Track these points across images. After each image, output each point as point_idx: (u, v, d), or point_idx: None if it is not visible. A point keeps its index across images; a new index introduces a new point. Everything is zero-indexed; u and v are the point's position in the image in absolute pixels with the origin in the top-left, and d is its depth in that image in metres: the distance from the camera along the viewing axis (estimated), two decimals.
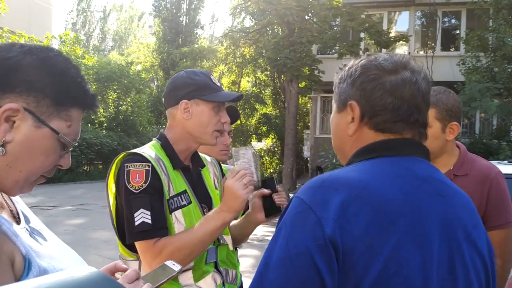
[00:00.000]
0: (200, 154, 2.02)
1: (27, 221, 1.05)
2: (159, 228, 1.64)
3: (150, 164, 1.67)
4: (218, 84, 1.85)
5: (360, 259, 0.89)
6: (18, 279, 0.86)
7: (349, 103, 1.11)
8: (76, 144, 1.04)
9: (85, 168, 19.73)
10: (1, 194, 1.02)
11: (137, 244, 1.66)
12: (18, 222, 1.01)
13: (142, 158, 1.69)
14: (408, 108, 1.06)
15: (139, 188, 1.63)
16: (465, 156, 2.10)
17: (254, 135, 22.96)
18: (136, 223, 1.62)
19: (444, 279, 0.96)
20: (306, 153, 17.17)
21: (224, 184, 1.70)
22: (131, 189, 1.64)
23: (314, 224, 0.91)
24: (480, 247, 1.05)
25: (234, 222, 1.98)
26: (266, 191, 1.86)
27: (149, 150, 1.77)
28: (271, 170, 21.67)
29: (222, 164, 2.48)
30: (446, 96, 2.01)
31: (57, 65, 0.99)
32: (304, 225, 0.92)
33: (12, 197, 1.06)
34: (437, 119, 1.99)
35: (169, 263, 1.11)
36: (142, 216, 1.62)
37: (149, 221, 1.61)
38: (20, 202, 1.10)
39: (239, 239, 2.03)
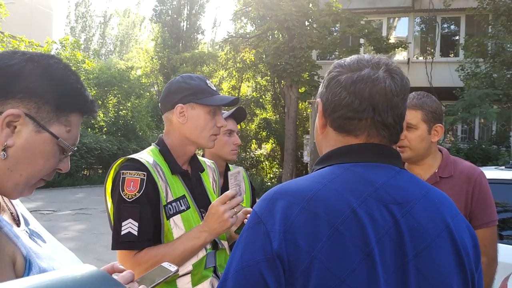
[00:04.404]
0: (200, 158, 2.03)
1: (27, 223, 1.07)
2: (144, 240, 1.65)
3: (145, 172, 1.68)
4: (214, 88, 1.86)
5: (306, 270, 0.90)
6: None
7: (317, 100, 1.15)
8: (75, 148, 1.06)
9: (85, 173, 19.72)
10: (2, 197, 1.04)
11: (118, 253, 1.69)
12: (18, 224, 1.03)
13: (139, 165, 1.70)
14: (361, 104, 1.03)
15: (132, 197, 1.65)
16: (448, 158, 2.17)
17: (254, 140, 22.95)
18: (122, 232, 1.64)
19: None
20: (306, 158, 17.14)
21: (213, 204, 1.70)
22: (124, 197, 1.65)
23: (263, 237, 0.94)
24: (458, 245, 1.01)
25: None
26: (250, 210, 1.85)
27: (147, 155, 1.79)
28: (271, 175, 21.65)
29: (230, 165, 2.53)
30: (430, 99, 2.11)
31: (57, 72, 1.02)
32: (256, 238, 0.95)
33: (12, 200, 1.08)
34: (423, 121, 2.07)
35: (165, 264, 1.13)
36: (130, 226, 1.63)
37: (136, 233, 1.63)
38: (19, 205, 1.12)
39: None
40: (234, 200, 1.69)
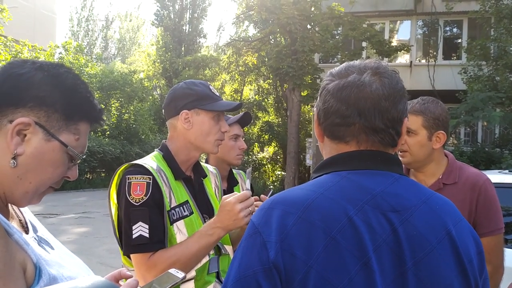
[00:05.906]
0: (202, 164, 2.04)
1: (35, 230, 1.08)
2: (156, 242, 1.65)
3: (151, 176, 1.69)
4: (217, 94, 1.88)
5: (302, 280, 0.89)
6: (29, 286, 0.89)
7: (314, 109, 1.15)
8: (84, 156, 1.07)
9: (88, 176, 19.75)
10: (11, 205, 1.05)
11: (133, 257, 1.68)
12: (26, 231, 1.04)
13: (143, 170, 1.71)
14: (347, 110, 1.03)
15: (140, 201, 1.65)
16: (453, 164, 2.13)
17: (256, 143, 22.95)
18: (134, 236, 1.64)
19: None
20: (309, 161, 17.14)
21: (227, 200, 1.69)
22: (131, 201, 1.66)
23: (260, 247, 0.94)
24: (460, 252, 0.99)
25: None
26: None
27: (151, 161, 1.80)
28: (273, 178, 21.63)
29: (233, 170, 2.54)
30: (434, 105, 2.06)
31: (67, 81, 1.03)
32: (253, 248, 0.95)
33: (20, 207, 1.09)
34: (424, 127, 2.04)
35: (172, 270, 1.13)
36: (140, 229, 1.64)
37: (147, 235, 1.63)
38: (27, 212, 1.13)
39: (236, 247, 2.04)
40: (251, 199, 1.69)
